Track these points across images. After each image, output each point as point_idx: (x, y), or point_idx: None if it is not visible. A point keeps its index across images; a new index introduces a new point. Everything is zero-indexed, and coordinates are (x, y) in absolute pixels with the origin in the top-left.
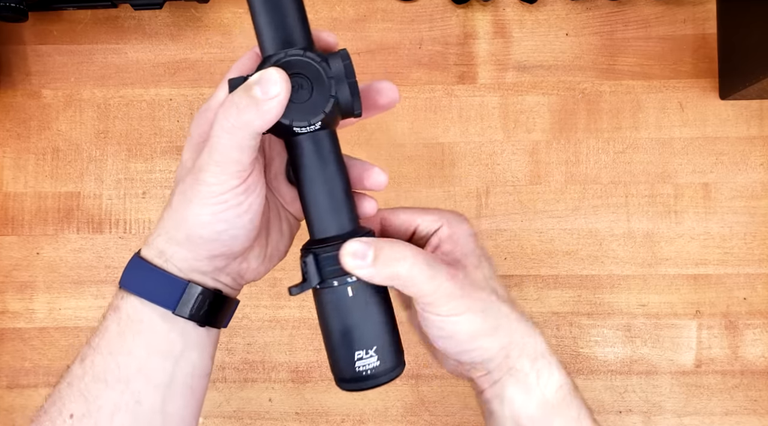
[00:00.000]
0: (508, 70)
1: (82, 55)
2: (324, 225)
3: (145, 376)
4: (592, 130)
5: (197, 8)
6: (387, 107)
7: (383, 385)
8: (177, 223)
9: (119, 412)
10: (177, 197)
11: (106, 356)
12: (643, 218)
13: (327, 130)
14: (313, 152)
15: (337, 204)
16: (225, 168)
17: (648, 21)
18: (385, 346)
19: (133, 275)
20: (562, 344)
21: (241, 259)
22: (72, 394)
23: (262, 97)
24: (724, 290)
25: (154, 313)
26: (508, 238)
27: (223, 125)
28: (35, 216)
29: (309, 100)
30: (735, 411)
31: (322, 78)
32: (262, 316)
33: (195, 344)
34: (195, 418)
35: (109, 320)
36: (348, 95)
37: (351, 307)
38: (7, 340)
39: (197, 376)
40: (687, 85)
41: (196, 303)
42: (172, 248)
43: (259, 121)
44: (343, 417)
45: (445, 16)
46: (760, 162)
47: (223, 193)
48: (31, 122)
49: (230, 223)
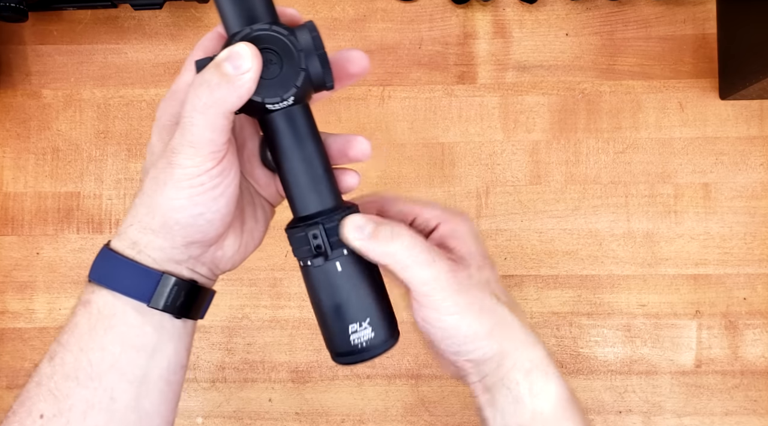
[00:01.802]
0: (508, 70)
1: (82, 55)
2: (306, 202)
3: (118, 372)
4: (592, 130)
5: (197, 8)
6: (358, 76)
7: (379, 355)
8: (151, 209)
9: (92, 410)
10: (149, 183)
11: (77, 353)
12: (643, 218)
13: (300, 104)
14: (288, 129)
15: (317, 179)
16: (199, 149)
17: (648, 21)
18: (378, 317)
19: (104, 268)
20: (562, 344)
21: (216, 247)
22: (41, 393)
23: (233, 73)
24: (724, 290)
25: (128, 306)
26: (508, 238)
27: (195, 105)
28: (35, 216)
29: (279, 75)
30: (735, 411)
31: (291, 51)
32: (262, 316)
33: (171, 337)
34: (172, 412)
35: (79, 316)
36: (319, 67)
37: (341, 281)
38: (7, 340)
39: (173, 369)
40: (687, 85)
41: (171, 294)
42: (146, 237)
43: (232, 97)
44: (343, 417)
45: (445, 16)
46: (760, 162)
47: (199, 175)
48: (31, 122)
49: (206, 206)
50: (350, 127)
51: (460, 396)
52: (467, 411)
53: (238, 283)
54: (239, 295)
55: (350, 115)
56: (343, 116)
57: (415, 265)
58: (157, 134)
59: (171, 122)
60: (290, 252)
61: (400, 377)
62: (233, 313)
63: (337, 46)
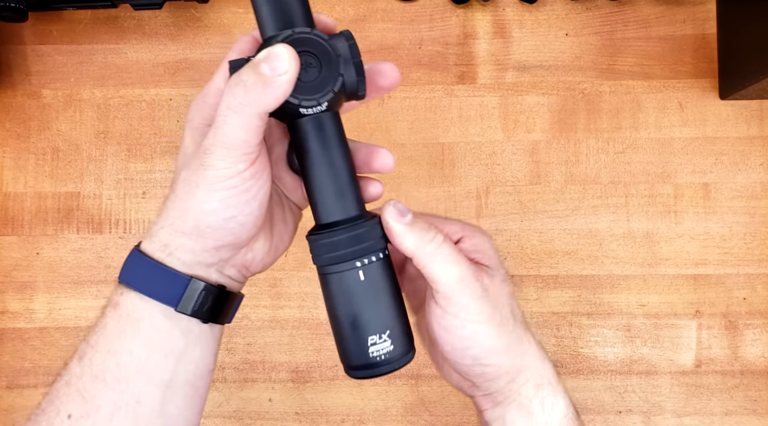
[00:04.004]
0: (507, 70)
1: (82, 55)
2: (329, 209)
3: (145, 376)
4: (592, 130)
5: (197, 8)
6: (388, 89)
7: (397, 370)
8: (182, 212)
9: (119, 412)
10: (180, 185)
11: (105, 355)
12: (642, 218)
13: (331, 112)
14: (318, 135)
15: (342, 188)
16: (233, 150)
17: (648, 21)
18: (397, 329)
19: (134, 270)
20: (562, 344)
21: (246, 250)
22: (70, 393)
23: (270, 74)
24: (723, 290)
25: (156, 309)
26: (508, 238)
27: (231, 104)
28: (35, 216)
29: (317, 78)
30: (735, 411)
31: (330, 56)
32: (262, 316)
33: (198, 341)
34: (197, 415)
35: (108, 317)
36: (354, 75)
37: (362, 291)
38: (7, 340)
39: (200, 374)
40: (687, 85)
41: (199, 299)
42: (177, 240)
43: (268, 98)
44: (343, 417)
45: (445, 16)
46: (760, 162)
47: (232, 177)
48: (31, 122)
49: (238, 209)
50: (350, 127)
51: (460, 396)
52: (467, 411)
53: None
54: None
55: (350, 115)
56: (342, 116)
57: (445, 262)
58: (189, 136)
59: (203, 124)
60: (290, 252)
61: (400, 377)
62: None
63: None
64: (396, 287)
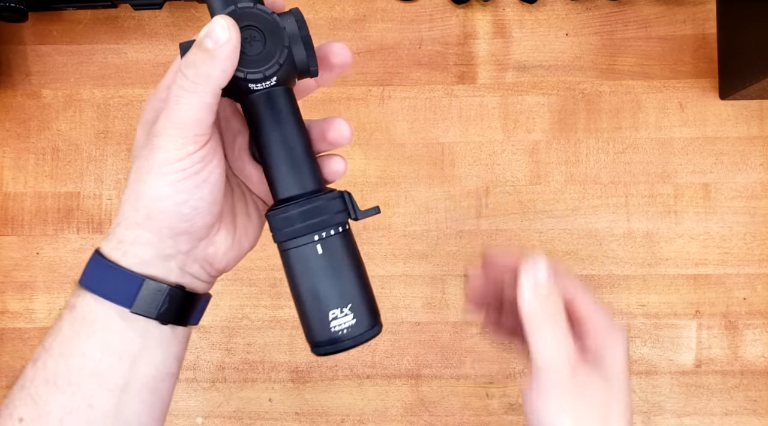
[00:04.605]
0: (507, 70)
1: (82, 55)
2: (285, 184)
3: (98, 379)
4: (592, 130)
5: (197, 8)
6: (341, 68)
7: (361, 344)
8: (134, 202)
9: (69, 416)
10: (132, 175)
11: (58, 358)
12: (642, 218)
13: (283, 87)
14: (269, 110)
15: (297, 162)
16: (184, 130)
17: (648, 21)
18: (360, 303)
19: (90, 271)
20: None
21: (207, 242)
22: (23, 397)
23: (213, 47)
24: (723, 290)
25: (111, 311)
26: (508, 238)
27: (183, 84)
28: (35, 216)
29: (263, 51)
30: (735, 411)
31: (274, 28)
32: (262, 316)
33: (158, 343)
34: (158, 420)
35: (63, 320)
36: (303, 50)
37: (321, 265)
38: (7, 340)
39: (160, 377)
40: (687, 85)
41: (155, 300)
42: (133, 233)
43: (217, 71)
44: (343, 417)
45: (445, 16)
46: (760, 162)
47: (181, 159)
48: (31, 122)
49: (190, 193)
50: None
51: (460, 396)
52: (467, 411)
53: (238, 283)
54: (239, 295)
55: (350, 115)
56: (343, 116)
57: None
58: (141, 129)
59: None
60: None
61: (400, 377)
62: (233, 313)
63: None
64: (358, 261)
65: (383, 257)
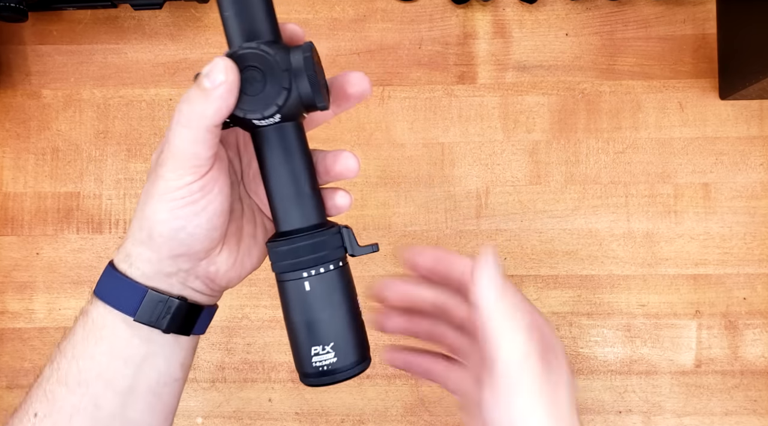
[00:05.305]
0: (507, 70)
1: (82, 55)
2: (288, 217)
3: (105, 381)
4: (592, 130)
5: (197, 8)
6: (358, 98)
7: (344, 381)
8: (140, 221)
9: (78, 414)
10: (142, 196)
11: (70, 360)
12: (643, 218)
13: (291, 122)
14: (275, 144)
15: (301, 196)
16: (181, 162)
17: (648, 21)
18: (343, 342)
19: (102, 281)
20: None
21: (207, 262)
22: (39, 394)
23: (209, 87)
24: (723, 290)
25: (118, 318)
26: (508, 238)
27: (179, 119)
28: (35, 216)
29: (262, 92)
30: (735, 411)
31: (274, 70)
32: (262, 316)
33: (161, 351)
34: (163, 422)
35: (77, 324)
36: (308, 88)
37: (308, 302)
38: (7, 340)
39: (164, 382)
40: (687, 85)
41: (157, 309)
42: (137, 249)
43: (210, 111)
44: (342, 417)
45: (445, 16)
46: (760, 162)
47: (179, 188)
48: (31, 122)
49: (187, 220)
50: (350, 126)
51: None
52: None
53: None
54: (239, 295)
55: (350, 115)
56: (343, 116)
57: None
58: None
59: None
60: None
61: (400, 377)
62: (233, 313)
63: (337, 46)
64: (349, 297)
65: (383, 257)
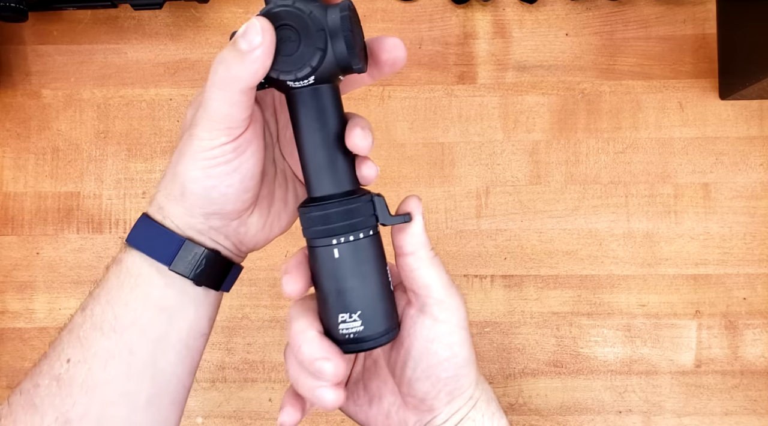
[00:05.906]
0: (507, 70)
1: (82, 55)
2: (317, 183)
3: (139, 329)
4: (592, 130)
5: (197, 8)
6: (392, 66)
7: (370, 349)
8: (173, 178)
9: (113, 360)
10: (175, 154)
11: (104, 306)
12: (643, 218)
13: (327, 85)
14: (310, 107)
15: (334, 161)
16: (215, 123)
17: (648, 21)
18: (370, 311)
19: (136, 230)
20: (562, 344)
21: (239, 222)
22: (71, 340)
23: (246, 49)
24: (723, 290)
25: (152, 267)
26: (508, 238)
27: (214, 81)
28: (35, 216)
29: (296, 53)
30: (735, 411)
31: (309, 29)
32: (262, 316)
33: (192, 302)
34: (189, 376)
35: (110, 272)
36: (344, 49)
37: (337, 269)
38: (7, 340)
39: (193, 335)
40: (687, 85)
41: (193, 260)
42: (169, 204)
43: (246, 73)
44: (343, 417)
45: (445, 16)
46: (760, 162)
47: (212, 148)
48: (31, 122)
49: (219, 179)
50: None
51: None
52: None
53: (238, 283)
54: (239, 295)
55: None
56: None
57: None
58: (191, 109)
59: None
60: (290, 252)
61: None
62: (233, 313)
63: None
64: (379, 266)
65: None
